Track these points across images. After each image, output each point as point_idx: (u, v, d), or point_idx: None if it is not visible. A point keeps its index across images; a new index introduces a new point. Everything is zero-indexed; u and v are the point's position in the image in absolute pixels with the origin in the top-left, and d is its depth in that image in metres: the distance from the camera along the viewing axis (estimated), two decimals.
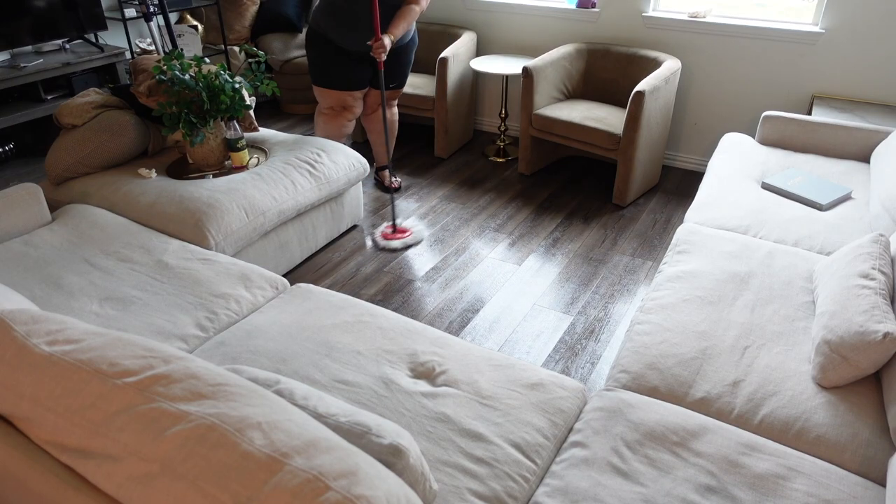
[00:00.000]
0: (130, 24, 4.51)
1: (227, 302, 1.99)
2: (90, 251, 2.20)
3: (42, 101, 3.83)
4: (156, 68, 2.57)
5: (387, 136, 3.16)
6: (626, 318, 2.62)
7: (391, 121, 3.52)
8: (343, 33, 3.00)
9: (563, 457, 1.46)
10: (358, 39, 3.01)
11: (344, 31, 3.00)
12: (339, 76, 3.11)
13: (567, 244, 3.15)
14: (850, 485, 1.39)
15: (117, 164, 2.77)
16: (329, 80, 3.13)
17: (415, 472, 1.08)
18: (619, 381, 1.71)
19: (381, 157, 3.64)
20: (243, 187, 2.55)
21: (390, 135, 3.53)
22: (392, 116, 3.52)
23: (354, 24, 2.97)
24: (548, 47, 4.05)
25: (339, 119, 3.27)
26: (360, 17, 2.96)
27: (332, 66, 3.09)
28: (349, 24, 2.97)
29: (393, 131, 3.55)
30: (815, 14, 3.34)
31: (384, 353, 1.73)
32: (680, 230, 2.35)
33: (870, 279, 1.71)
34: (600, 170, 3.95)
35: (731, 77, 3.61)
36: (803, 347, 1.75)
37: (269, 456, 0.91)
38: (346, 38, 3.01)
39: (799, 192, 2.52)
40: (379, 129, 3.51)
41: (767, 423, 1.55)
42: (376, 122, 3.49)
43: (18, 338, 1.12)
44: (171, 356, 1.10)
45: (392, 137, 3.56)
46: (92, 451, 1.01)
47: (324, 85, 3.16)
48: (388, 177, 3.60)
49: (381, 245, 3.11)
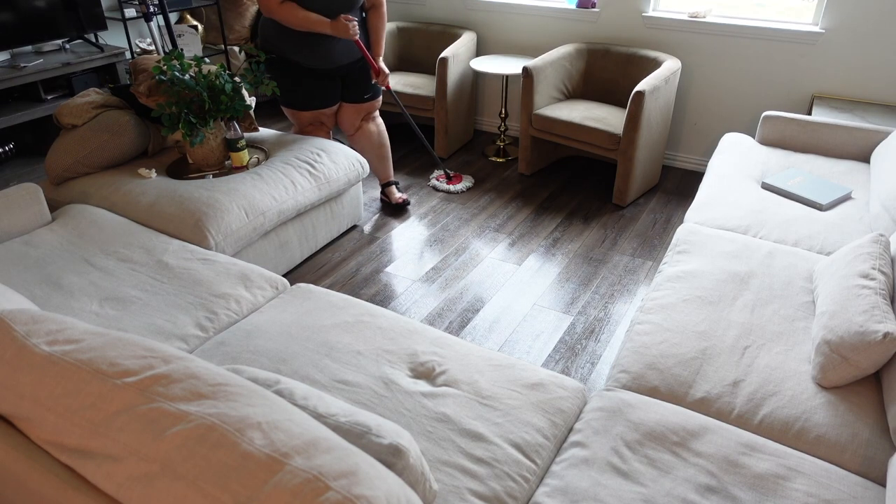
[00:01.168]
0: (130, 24, 4.51)
1: (227, 302, 1.99)
2: (90, 251, 2.20)
3: (42, 101, 3.83)
4: (156, 68, 2.57)
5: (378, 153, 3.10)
6: (626, 318, 2.62)
7: (379, 135, 3.29)
8: (306, 54, 2.87)
9: (563, 457, 1.46)
10: (325, 56, 2.88)
11: (307, 52, 2.86)
12: (308, 96, 2.99)
13: (567, 244, 3.15)
14: (850, 485, 1.39)
15: (117, 164, 2.77)
16: (298, 100, 3.01)
17: (415, 472, 1.08)
18: (619, 381, 1.71)
19: (383, 174, 3.44)
20: (243, 187, 2.55)
21: (384, 150, 3.34)
22: (378, 128, 3.29)
23: (318, 43, 2.84)
24: (548, 47, 4.05)
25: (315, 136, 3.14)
26: (323, 38, 2.83)
27: (298, 87, 2.96)
28: (311, 44, 2.84)
29: (385, 144, 3.34)
30: (815, 14, 3.34)
31: (384, 353, 1.73)
32: (680, 230, 2.35)
33: (870, 279, 1.71)
34: (600, 170, 3.95)
35: (731, 77, 3.61)
36: (803, 347, 1.75)
37: (269, 456, 0.91)
38: (307, 56, 2.87)
39: (799, 192, 2.52)
40: (370, 147, 3.29)
41: (767, 423, 1.55)
42: (364, 140, 3.26)
43: (18, 338, 1.12)
44: (171, 356, 1.10)
45: (386, 150, 3.36)
46: (92, 451, 1.01)
47: (293, 107, 3.04)
48: (395, 192, 3.46)
49: (443, 188, 3.61)
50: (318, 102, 3.02)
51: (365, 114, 3.21)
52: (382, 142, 3.32)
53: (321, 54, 2.88)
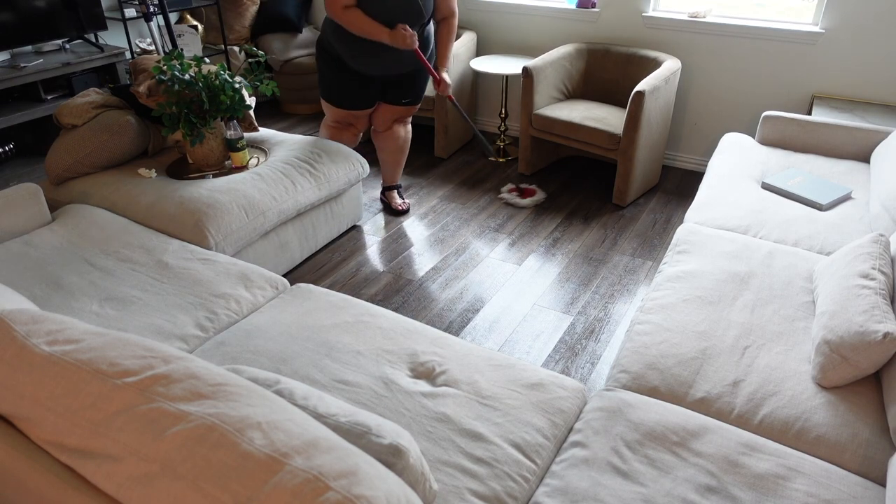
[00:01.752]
0: (130, 24, 4.52)
1: (227, 302, 1.99)
2: (90, 251, 2.20)
3: (42, 101, 3.83)
4: (156, 68, 2.57)
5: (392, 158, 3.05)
6: (626, 318, 2.62)
7: (404, 140, 3.28)
8: (355, 56, 2.85)
9: (563, 457, 1.46)
10: (378, 65, 2.87)
11: (357, 55, 2.85)
12: (345, 95, 3.00)
13: (567, 244, 3.15)
14: (850, 485, 1.39)
15: (117, 164, 2.77)
16: (335, 97, 3.02)
17: (415, 472, 1.08)
18: (619, 381, 1.71)
19: (389, 177, 3.42)
20: (243, 187, 2.55)
21: (401, 156, 3.34)
22: (406, 134, 3.28)
23: (373, 51, 2.82)
24: (548, 47, 4.05)
25: (343, 134, 3.17)
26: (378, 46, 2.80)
27: (338, 83, 2.97)
28: (365, 51, 2.82)
29: (405, 151, 3.34)
30: (815, 14, 3.34)
31: (384, 353, 1.73)
32: (680, 230, 2.35)
33: (870, 279, 1.71)
34: (600, 170, 3.95)
35: (731, 77, 3.61)
36: (803, 347, 1.75)
37: (269, 456, 0.91)
38: (358, 61, 2.87)
39: (799, 192, 2.52)
40: (391, 149, 3.28)
41: (767, 423, 1.55)
42: (388, 140, 3.25)
43: (18, 338, 1.12)
44: (171, 356, 1.10)
45: (403, 157, 3.37)
46: (92, 451, 1.01)
47: (329, 101, 3.06)
48: (397, 198, 3.44)
49: (521, 204, 3.45)
50: (350, 103, 3.01)
51: (399, 116, 3.19)
52: (404, 147, 3.30)
53: (373, 62, 2.86)
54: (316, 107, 4.89)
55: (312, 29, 4.92)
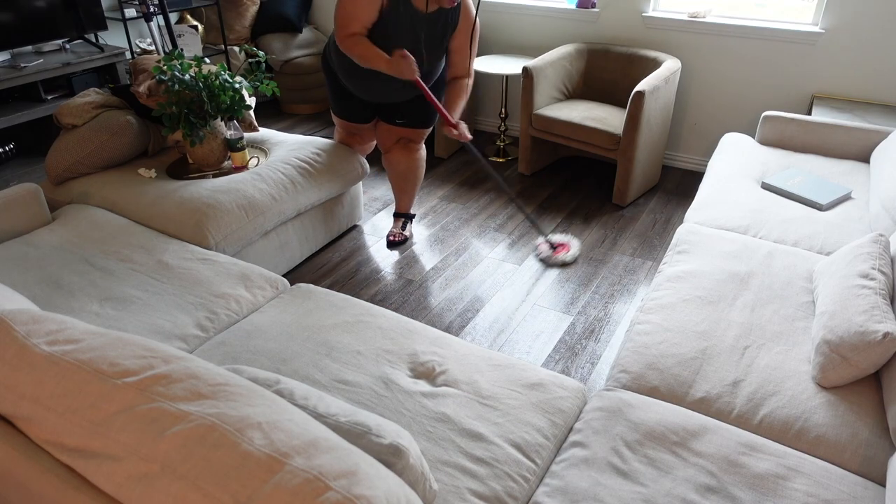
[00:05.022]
0: (130, 24, 4.52)
1: (227, 302, 1.99)
2: (90, 251, 2.20)
3: (42, 101, 3.83)
4: (156, 68, 2.57)
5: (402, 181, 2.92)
6: (626, 318, 2.62)
7: (405, 166, 3.02)
8: (353, 83, 2.81)
9: (563, 457, 1.46)
10: (373, 93, 2.82)
11: (355, 82, 2.80)
12: (342, 106, 2.97)
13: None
14: (850, 485, 1.39)
15: (117, 164, 2.77)
16: (335, 106, 3.01)
17: (415, 472, 1.09)
18: (619, 381, 1.71)
19: (397, 202, 3.19)
20: (243, 187, 2.55)
21: (403, 183, 3.08)
22: (410, 162, 3.01)
23: (370, 78, 2.74)
24: (548, 47, 4.05)
25: (351, 141, 3.11)
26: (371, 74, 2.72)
27: (340, 98, 2.96)
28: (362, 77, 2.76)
29: (407, 178, 3.06)
30: (815, 14, 3.34)
31: (384, 353, 1.73)
32: (680, 230, 2.35)
33: (870, 279, 1.71)
34: (600, 170, 3.95)
35: (731, 77, 3.61)
36: (803, 347, 1.75)
37: (269, 456, 0.91)
38: (356, 87, 2.82)
39: (799, 192, 2.52)
40: (395, 172, 3.05)
41: (767, 423, 1.55)
42: (390, 163, 3.03)
43: (19, 338, 1.12)
44: (172, 356, 1.10)
45: (416, 183, 3.10)
46: (92, 451, 1.01)
47: (332, 108, 3.04)
48: (394, 227, 3.19)
49: (555, 261, 2.99)
50: (348, 115, 2.98)
51: (398, 138, 2.99)
52: (407, 174, 3.05)
53: (367, 88, 2.79)
54: (316, 107, 4.89)
55: (312, 29, 4.92)
